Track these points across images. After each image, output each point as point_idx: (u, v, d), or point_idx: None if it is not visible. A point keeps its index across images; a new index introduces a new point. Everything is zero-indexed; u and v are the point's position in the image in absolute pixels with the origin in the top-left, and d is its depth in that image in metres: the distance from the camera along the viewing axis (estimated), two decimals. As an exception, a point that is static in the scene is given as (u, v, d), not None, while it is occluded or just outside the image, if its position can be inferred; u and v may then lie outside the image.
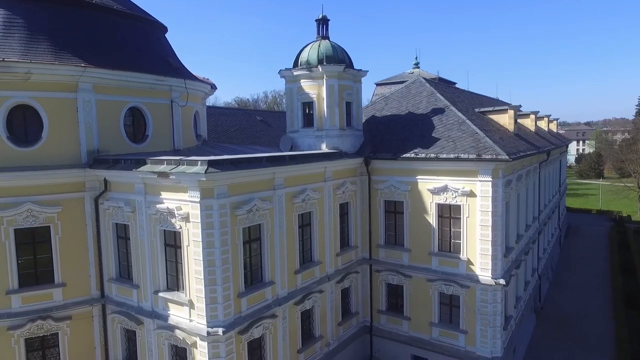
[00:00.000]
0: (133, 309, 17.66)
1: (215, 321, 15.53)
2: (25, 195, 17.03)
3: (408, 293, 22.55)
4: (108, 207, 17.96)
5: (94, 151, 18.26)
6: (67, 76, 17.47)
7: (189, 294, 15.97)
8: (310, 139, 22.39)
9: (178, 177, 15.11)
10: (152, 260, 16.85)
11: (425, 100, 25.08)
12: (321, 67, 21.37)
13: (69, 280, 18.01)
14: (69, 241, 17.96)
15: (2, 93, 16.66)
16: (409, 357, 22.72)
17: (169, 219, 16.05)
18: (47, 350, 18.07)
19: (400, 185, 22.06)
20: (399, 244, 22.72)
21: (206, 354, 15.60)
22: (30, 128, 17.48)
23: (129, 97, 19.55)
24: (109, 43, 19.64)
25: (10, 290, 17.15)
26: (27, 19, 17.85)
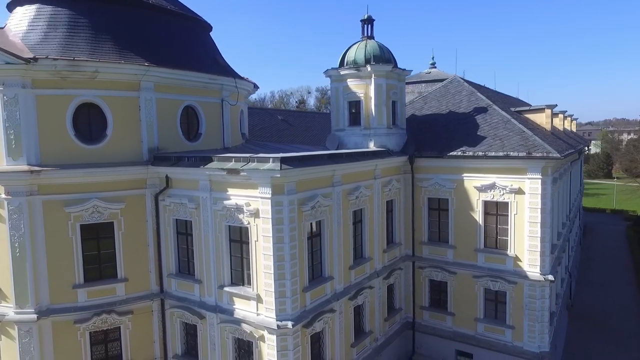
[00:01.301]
0: (195, 303, 17.99)
1: (284, 315, 15.88)
2: (92, 192, 17.38)
3: (452, 289, 22.90)
4: (169, 203, 18.30)
5: (155, 149, 18.62)
6: (131, 75, 17.82)
7: (256, 288, 16.31)
8: (357, 137, 22.75)
9: (249, 174, 15.45)
10: (217, 255, 17.18)
11: (466, 99, 25.42)
12: (370, 67, 21.73)
13: (131, 275, 18.36)
14: (131, 237, 18.31)
15: (70, 92, 17.02)
16: (453, 353, 23.09)
17: (236, 214, 16.39)
18: (109, 344, 18.43)
19: (446, 182, 22.41)
20: (443, 240, 23.07)
21: (274, 346, 15.94)
22: (94, 126, 17.84)
23: (185, 96, 19.91)
24: (165, 42, 20.01)
25: (77, 284, 17.50)
26: (90, 19, 18.22)
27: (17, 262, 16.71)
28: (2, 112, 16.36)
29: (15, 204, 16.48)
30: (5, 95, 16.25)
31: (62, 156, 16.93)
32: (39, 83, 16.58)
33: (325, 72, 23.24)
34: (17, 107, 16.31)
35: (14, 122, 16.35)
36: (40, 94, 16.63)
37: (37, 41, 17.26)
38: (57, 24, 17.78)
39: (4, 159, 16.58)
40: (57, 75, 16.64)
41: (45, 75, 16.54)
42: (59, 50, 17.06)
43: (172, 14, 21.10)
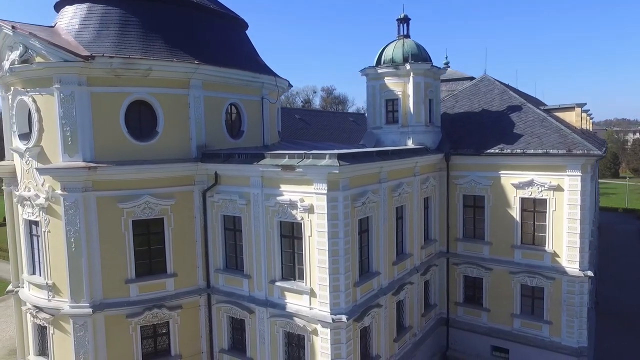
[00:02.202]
0: (244, 298, 18.25)
1: (338, 309, 16.13)
2: (144, 188, 17.65)
3: (488, 285, 23.16)
4: (218, 199, 18.55)
5: (202, 146, 18.89)
6: (181, 73, 18.10)
7: (309, 283, 16.57)
8: (395, 135, 23.02)
9: (305, 170, 15.71)
10: (268, 251, 17.44)
11: (498, 97, 25.67)
12: (408, 65, 22.00)
13: (180, 270, 18.62)
14: (180, 233, 18.58)
15: (124, 89, 17.30)
16: (488, 348, 23.34)
17: (289, 210, 16.64)
18: (158, 338, 18.71)
19: (482, 180, 22.66)
20: (479, 237, 23.33)
21: (328, 340, 16.20)
22: (144, 123, 18.11)
23: (229, 94, 20.19)
24: (210, 41, 20.28)
25: (129, 279, 17.77)
26: (140, 18, 18.48)
27: (72, 257, 16.97)
28: (58, 109, 16.64)
29: (71, 200, 16.75)
30: (62, 92, 16.52)
31: (115, 153, 17.19)
32: (94, 81, 16.85)
33: (361, 71, 23.51)
34: (74, 104, 16.57)
35: (70, 119, 16.62)
36: (95, 92, 16.90)
37: (90, 39, 17.52)
38: (109, 22, 18.04)
39: (60, 155, 16.85)
40: (112, 73, 16.92)
41: (101, 73, 16.81)
42: (112, 48, 17.32)
43: (215, 13, 21.38)
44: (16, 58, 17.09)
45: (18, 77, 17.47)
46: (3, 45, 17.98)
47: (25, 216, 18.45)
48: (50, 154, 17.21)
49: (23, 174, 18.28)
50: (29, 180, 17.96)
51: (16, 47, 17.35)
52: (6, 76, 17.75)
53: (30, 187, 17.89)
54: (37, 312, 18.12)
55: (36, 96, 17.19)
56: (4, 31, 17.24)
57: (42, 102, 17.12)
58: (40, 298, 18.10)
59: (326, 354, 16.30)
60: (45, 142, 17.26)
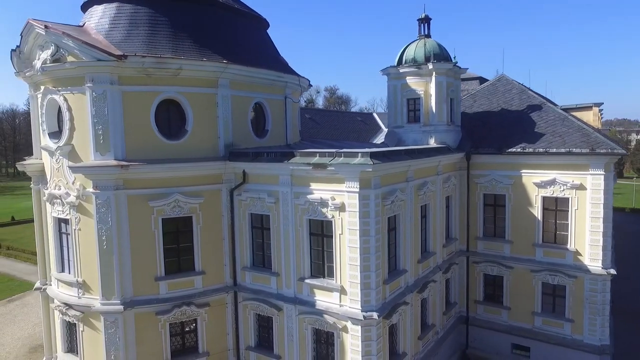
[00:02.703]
0: (272, 295, 18.38)
1: (368, 306, 16.27)
2: (174, 187, 17.79)
3: (508, 283, 23.30)
4: (245, 198, 18.69)
5: (230, 144, 19.02)
6: (210, 72, 18.22)
7: (339, 280, 16.70)
8: (416, 134, 23.16)
9: (337, 169, 15.84)
10: (297, 248, 17.57)
11: (517, 97, 25.80)
12: (431, 65, 22.13)
13: (208, 268, 18.77)
14: (208, 231, 18.72)
15: (154, 88, 17.43)
16: (509, 346, 23.48)
17: (319, 208, 16.78)
18: (186, 335, 18.85)
19: (503, 179, 22.80)
20: (499, 236, 23.47)
21: (359, 337, 16.33)
22: (173, 122, 18.25)
23: (255, 93, 20.32)
24: (236, 40, 20.41)
25: (158, 277, 17.91)
26: (169, 17, 18.60)
27: (104, 254, 17.12)
28: (90, 107, 16.77)
29: (103, 198, 16.90)
30: (94, 91, 16.66)
31: (145, 151, 17.32)
32: (125, 80, 16.98)
33: (382, 70, 23.65)
34: (105, 103, 16.70)
35: (102, 117, 16.75)
36: (126, 90, 17.03)
37: (121, 39, 17.65)
38: (139, 22, 18.16)
39: (91, 154, 16.99)
40: (143, 72, 17.05)
41: (132, 72, 16.94)
42: (143, 48, 17.45)
43: (239, 12, 21.51)
44: (48, 57, 17.23)
45: (49, 76, 17.62)
46: (34, 45, 18.12)
47: (54, 214, 18.59)
48: (81, 153, 17.36)
49: (53, 172, 18.43)
50: (59, 178, 18.11)
51: (47, 46, 17.49)
52: (37, 75, 17.89)
53: (60, 185, 18.04)
54: (67, 309, 18.28)
55: (67, 95, 17.34)
56: (36, 31, 17.37)
57: (73, 101, 17.27)
58: (70, 295, 18.26)
59: (357, 350, 16.44)
60: (77, 140, 17.41)
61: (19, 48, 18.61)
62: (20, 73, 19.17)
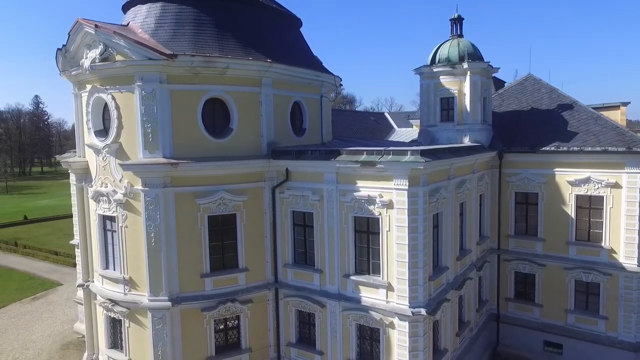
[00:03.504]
0: (315, 292, 18.58)
1: (416, 302, 16.47)
2: (219, 184, 18.00)
3: (540, 281, 23.49)
4: (288, 196, 18.88)
5: (272, 143, 19.23)
6: (255, 71, 18.43)
7: (386, 277, 16.89)
8: (450, 132, 23.35)
9: (386, 166, 16.03)
10: (342, 245, 17.77)
11: (547, 96, 25.98)
12: (466, 64, 22.33)
13: (251, 265, 18.98)
14: (251, 228, 18.93)
15: (201, 87, 17.64)
16: (541, 343, 23.65)
17: (365, 206, 16.97)
18: (229, 332, 19.06)
19: (535, 177, 22.99)
20: (531, 234, 23.65)
21: (406, 333, 16.54)
22: (217, 120, 18.46)
23: (294, 92, 20.54)
24: (276, 40, 20.60)
25: (204, 273, 18.12)
26: (213, 17, 18.80)
27: (152, 251, 17.34)
28: (139, 106, 16.99)
29: (152, 196, 17.12)
30: (143, 90, 16.87)
31: (193, 149, 17.53)
32: (173, 78, 17.19)
33: (415, 70, 23.85)
34: (155, 101, 16.91)
35: (151, 116, 16.96)
36: (174, 89, 17.24)
37: (167, 38, 17.84)
38: (184, 21, 18.36)
39: (140, 152, 17.21)
40: (191, 71, 17.25)
41: (180, 71, 17.15)
42: (190, 47, 17.65)
43: (277, 12, 21.72)
44: (97, 56, 17.44)
45: (97, 75, 17.83)
46: (81, 44, 18.32)
47: (100, 211, 18.79)
48: (129, 151, 17.57)
49: (99, 170, 18.63)
50: (106, 176, 18.31)
51: (95, 45, 17.70)
52: (84, 74, 18.10)
53: (107, 183, 18.24)
54: (113, 306, 18.49)
55: (115, 94, 17.55)
56: (85, 30, 17.58)
57: (121, 99, 17.48)
58: (116, 292, 18.46)
59: (404, 346, 16.64)
60: (124, 138, 17.62)
61: (65, 47, 18.82)
62: (64, 72, 19.38)
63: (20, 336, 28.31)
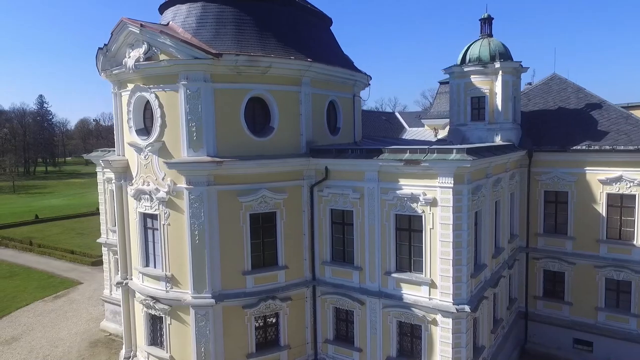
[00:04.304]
0: (354, 289, 18.72)
1: (459, 299, 16.62)
2: (261, 182, 18.15)
3: (570, 279, 23.62)
4: (327, 194, 19.03)
5: (311, 142, 19.38)
6: (295, 70, 18.58)
7: (429, 274, 17.04)
8: (481, 131, 23.50)
9: (432, 164, 16.18)
10: (382, 243, 17.92)
11: (574, 96, 26.13)
12: (498, 63, 22.48)
13: (290, 263, 19.12)
14: (290, 226, 19.07)
15: (244, 86, 17.79)
16: (570, 341, 23.79)
17: (408, 204, 17.12)
18: (268, 329, 19.21)
19: (566, 176, 23.12)
20: (560, 232, 23.78)
21: (449, 329, 16.69)
22: (258, 119, 18.61)
23: (330, 91, 20.70)
24: (312, 39, 20.75)
25: (245, 271, 18.28)
26: (253, 17, 18.94)
27: (196, 249, 17.49)
28: (184, 105, 17.14)
29: (196, 194, 17.27)
30: (188, 89, 17.02)
31: (235, 148, 17.68)
32: (217, 77, 17.34)
33: (445, 69, 24.00)
34: (199, 100, 17.07)
35: (195, 114, 17.12)
36: (218, 88, 17.38)
37: (210, 37, 17.98)
38: (225, 21, 18.50)
39: (184, 150, 17.36)
40: (235, 70, 17.40)
41: (224, 70, 17.29)
42: (233, 46, 17.80)
43: (312, 12, 21.84)
44: (141, 55, 17.58)
45: (140, 74, 17.97)
46: (123, 43, 18.46)
47: (141, 209, 18.94)
48: (172, 149, 17.72)
49: (140, 169, 18.78)
50: (148, 174, 18.46)
51: (138, 45, 17.86)
52: (127, 73, 18.22)
53: (149, 181, 18.39)
54: (154, 303, 18.63)
55: (159, 92, 17.70)
56: (129, 29, 17.71)
57: (165, 98, 17.64)
58: (157, 289, 18.62)
59: (447, 343, 16.78)
60: (167, 137, 17.77)
61: (107, 46, 18.96)
62: (104, 71, 19.52)
63: (47, 334, 28.47)
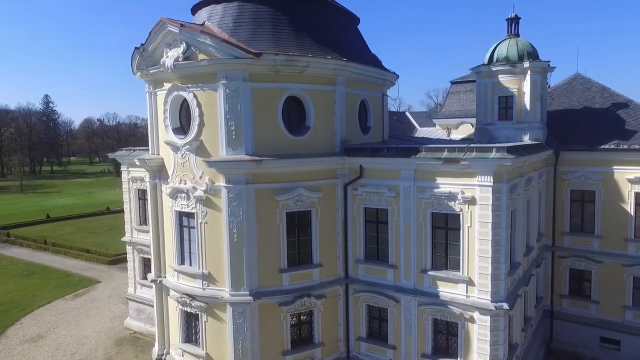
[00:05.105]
0: (389, 287, 18.84)
1: (497, 297, 16.73)
2: (297, 181, 18.29)
3: (597, 278, 23.71)
4: (361, 192, 19.15)
5: (344, 140, 19.51)
6: (330, 70, 18.72)
7: (466, 272, 17.16)
8: (509, 131, 23.60)
9: (471, 163, 16.29)
10: (418, 241, 18.03)
11: (598, 95, 26.23)
12: (527, 63, 22.58)
13: (324, 261, 19.26)
14: (324, 224, 19.21)
15: (282, 85, 17.93)
16: (597, 339, 23.87)
17: (445, 202, 17.23)
18: (303, 326, 19.35)
19: (593, 175, 23.21)
20: (587, 231, 23.87)
21: (487, 327, 16.80)
22: (293, 118, 18.74)
23: (362, 91, 20.83)
24: (343, 39, 20.88)
25: (282, 269, 18.42)
26: (289, 17, 19.07)
27: (234, 247, 17.64)
28: (223, 104, 17.28)
29: (235, 192, 17.42)
30: (228, 88, 17.16)
31: (273, 147, 17.81)
32: (256, 77, 17.48)
33: (473, 69, 24.11)
34: (238, 99, 17.21)
35: (234, 114, 17.26)
36: (256, 87, 17.52)
37: (247, 37, 18.11)
38: (262, 21, 18.63)
39: (223, 149, 17.50)
40: (273, 69, 17.53)
41: (263, 69, 17.43)
42: (271, 46, 17.94)
43: (343, 11, 21.95)
44: (179, 55, 17.72)
45: (178, 73, 18.12)
46: (160, 43, 18.59)
47: (177, 208, 19.08)
48: (210, 148, 17.86)
49: (177, 167, 18.92)
50: (184, 173, 18.62)
51: (176, 44, 18.00)
52: (166, 72, 18.35)
53: (186, 179, 18.54)
54: (191, 301, 18.78)
55: (197, 92, 17.85)
56: (169, 29, 17.85)
57: (203, 97, 17.78)
58: (194, 287, 18.77)
59: (484, 340, 16.90)
60: (205, 136, 17.91)
61: (143, 46, 19.10)
62: (140, 71, 19.66)
63: (72, 332, 28.62)
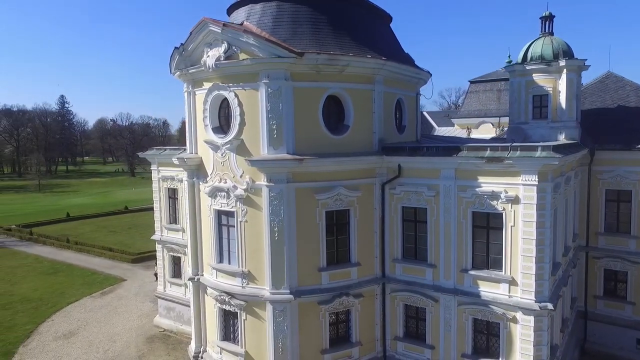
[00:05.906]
0: (427, 287, 18.78)
1: (542, 297, 16.60)
2: (337, 180, 18.32)
3: (633, 279, 23.43)
4: (399, 192, 19.12)
5: (382, 140, 19.50)
6: (369, 69, 18.72)
7: (509, 272, 17.05)
8: (544, 129, 23.40)
9: (516, 162, 16.19)
10: (459, 240, 17.96)
11: (633, 94, 25.92)
12: (563, 61, 22.37)
13: (362, 260, 19.27)
14: (362, 224, 19.22)
15: (322, 84, 17.99)
16: (633, 341, 23.57)
17: (487, 201, 17.14)
18: (340, 325, 19.38)
19: (630, 174, 22.93)
20: (623, 231, 23.59)
21: (531, 327, 16.68)
22: (333, 117, 18.77)
23: (398, 90, 20.81)
24: (380, 38, 20.87)
25: (321, 267, 18.46)
26: (327, 16, 19.10)
27: (275, 245, 17.72)
28: (265, 103, 17.37)
29: (276, 191, 17.50)
30: (269, 87, 17.25)
31: (313, 145, 17.86)
32: (297, 76, 17.54)
33: (506, 68, 23.98)
34: (280, 98, 17.28)
35: (276, 113, 17.33)
36: (297, 86, 17.58)
37: (287, 36, 18.16)
38: (301, 20, 18.68)
39: (264, 147, 17.59)
40: (314, 68, 17.58)
41: (304, 68, 17.49)
42: (311, 45, 17.98)
43: (378, 11, 21.91)
44: (221, 54, 17.84)
45: (219, 73, 18.24)
46: (200, 42, 18.73)
47: (216, 207, 19.22)
48: (250, 147, 17.96)
49: (216, 166, 19.05)
50: (224, 172, 18.73)
51: (216, 44, 18.12)
52: (207, 72, 18.48)
53: (226, 178, 18.65)
54: (230, 299, 18.89)
55: (238, 91, 17.96)
56: (210, 28, 17.97)
57: (244, 96, 17.89)
58: (233, 285, 18.88)
59: (528, 340, 16.79)
60: (246, 135, 18.02)
61: (183, 45, 19.25)
62: (179, 70, 19.82)
63: (102, 329, 28.93)
